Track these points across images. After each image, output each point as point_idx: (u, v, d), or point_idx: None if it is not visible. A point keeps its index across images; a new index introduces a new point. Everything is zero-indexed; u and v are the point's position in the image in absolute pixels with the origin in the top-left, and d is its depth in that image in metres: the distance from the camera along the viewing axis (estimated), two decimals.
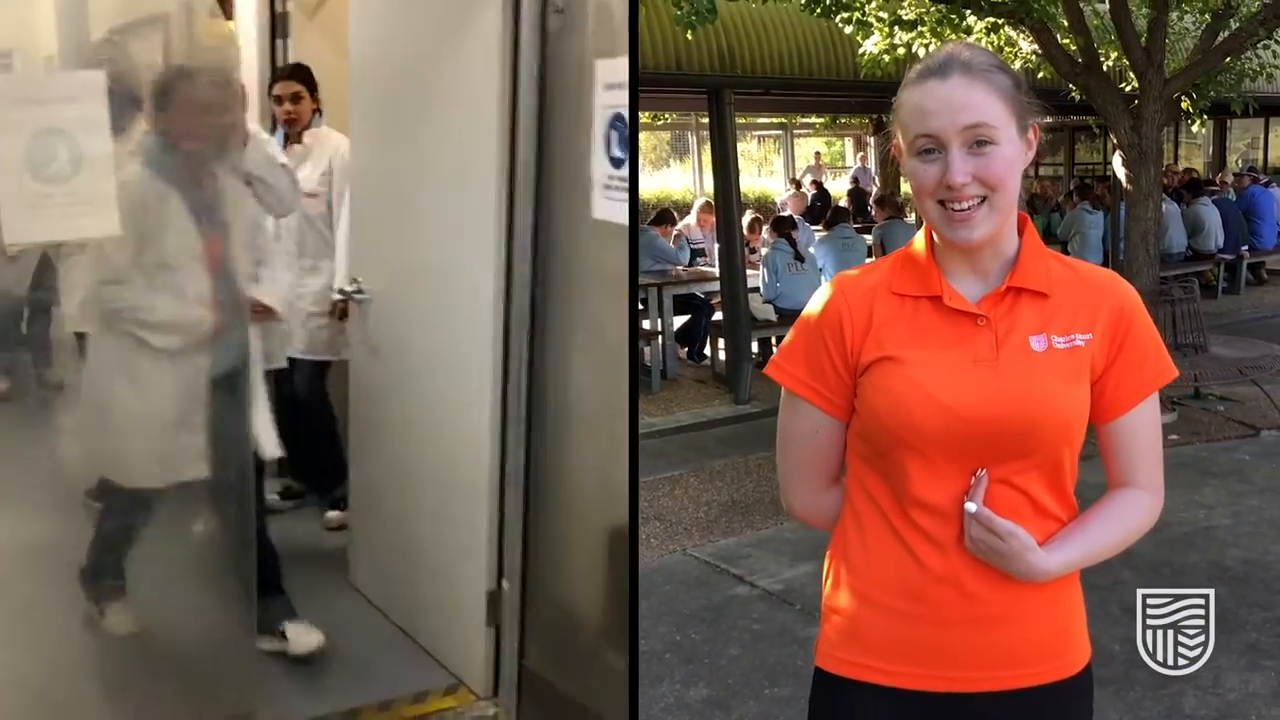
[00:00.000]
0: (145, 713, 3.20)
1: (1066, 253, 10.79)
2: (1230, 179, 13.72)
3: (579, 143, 2.93)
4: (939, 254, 1.72)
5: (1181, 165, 16.24)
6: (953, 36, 7.24)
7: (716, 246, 9.20)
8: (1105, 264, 9.94)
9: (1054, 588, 1.70)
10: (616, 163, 2.77)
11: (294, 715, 3.45)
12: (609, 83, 2.83)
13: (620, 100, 2.78)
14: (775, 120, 20.23)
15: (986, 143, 1.61)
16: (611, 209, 2.84)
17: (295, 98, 4.64)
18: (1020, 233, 1.72)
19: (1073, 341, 1.67)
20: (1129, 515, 1.75)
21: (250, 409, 3.26)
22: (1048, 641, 1.72)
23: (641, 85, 8.88)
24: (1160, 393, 1.77)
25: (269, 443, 3.48)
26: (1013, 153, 1.64)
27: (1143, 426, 1.74)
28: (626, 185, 2.75)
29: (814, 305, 1.77)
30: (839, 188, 18.77)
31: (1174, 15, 7.47)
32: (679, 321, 9.53)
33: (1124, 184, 7.20)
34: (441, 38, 3.37)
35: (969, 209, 1.62)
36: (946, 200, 1.63)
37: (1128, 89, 7.24)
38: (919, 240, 1.75)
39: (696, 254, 10.44)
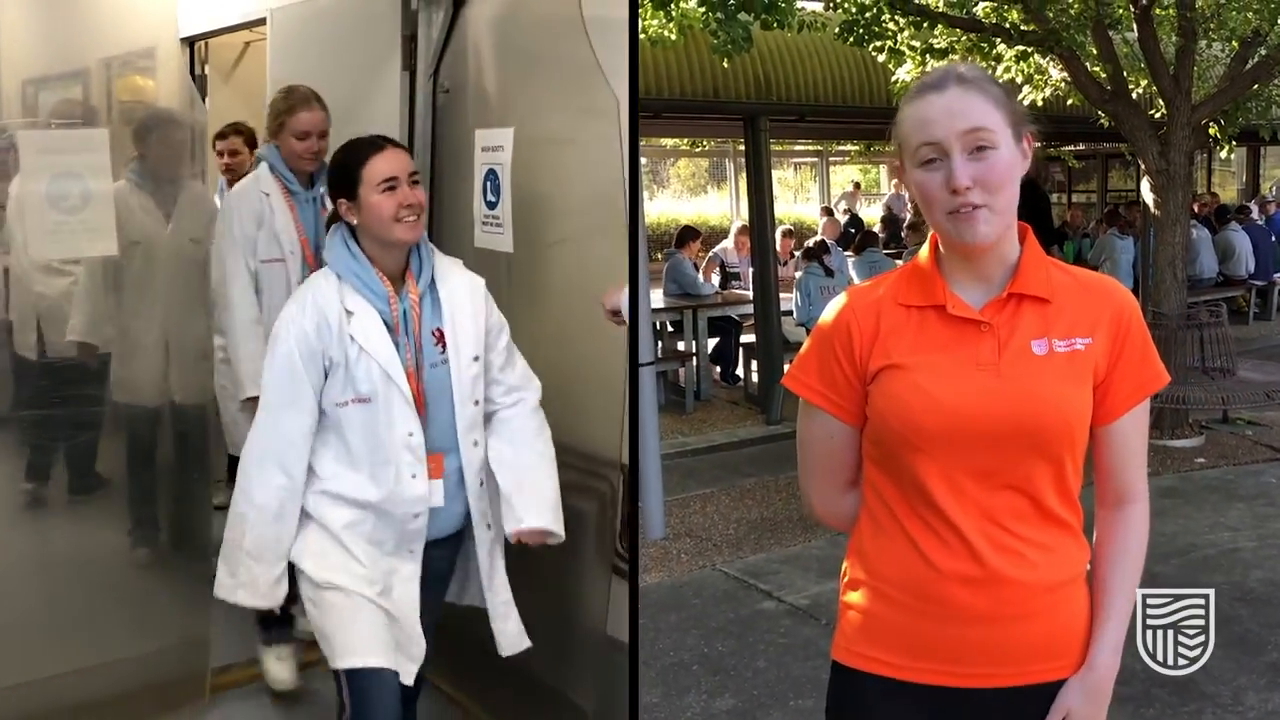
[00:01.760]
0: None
1: None
2: (1257, 205, 13.65)
3: (463, 191, 3.61)
4: (943, 264, 1.79)
5: (1216, 192, 16.17)
6: (983, 64, 7.34)
7: (751, 270, 9.31)
8: (1136, 290, 9.96)
9: (1062, 589, 1.77)
10: (490, 205, 3.52)
11: None
12: (485, 146, 3.54)
13: (496, 160, 3.48)
14: (811, 148, 20.33)
15: (986, 147, 1.69)
16: (489, 240, 3.53)
17: (234, 152, 5.09)
18: (1021, 241, 1.79)
19: (1073, 345, 1.74)
20: (1137, 547, 1.84)
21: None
22: (1056, 639, 1.78)
23: (679, 113, 9.08)
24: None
25: None
26: (1011, 158, 1.72)
27: (1136, 430, 1.81)
28: (500, 222, 3.48)
29: (826, 317, 1.86)
30: (873, 214, 18.83)
31: (1202, 43, 7.52)
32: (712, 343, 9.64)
33: (1152, 209, 7.25)
34: (348, 107, 3.76)
35: (973, 210, 1.69)
36: (952, 208, 1.70)
37: (1156, 116, 7.29)
38: (923, 252, 1.83)
39: (732, 276, 10.54)
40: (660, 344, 9.44)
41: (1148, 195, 7.30)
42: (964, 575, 1.73)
